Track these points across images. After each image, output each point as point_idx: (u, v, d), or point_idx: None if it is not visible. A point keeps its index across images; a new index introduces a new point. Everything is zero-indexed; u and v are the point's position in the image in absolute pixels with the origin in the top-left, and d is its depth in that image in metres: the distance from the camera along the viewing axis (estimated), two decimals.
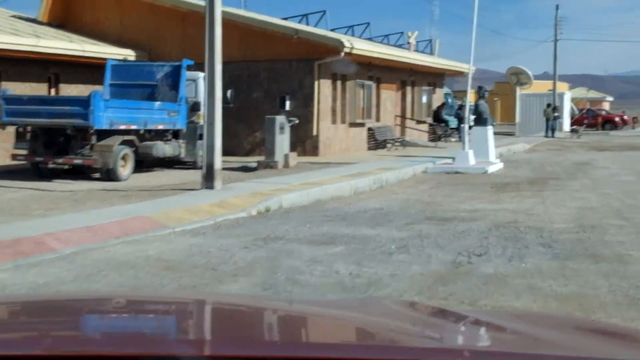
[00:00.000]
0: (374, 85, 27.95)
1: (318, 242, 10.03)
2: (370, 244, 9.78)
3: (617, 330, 3.01)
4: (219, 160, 14.41)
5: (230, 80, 23.60)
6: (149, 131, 18.99)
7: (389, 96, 29.61)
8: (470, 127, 22.61)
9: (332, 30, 31.14)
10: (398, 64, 28.87)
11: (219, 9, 13.99)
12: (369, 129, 27.57)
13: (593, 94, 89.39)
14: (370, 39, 33.69)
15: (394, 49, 32.18)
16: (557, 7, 50.94)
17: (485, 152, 22.06)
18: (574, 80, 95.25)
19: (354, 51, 23.77)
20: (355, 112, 26.27)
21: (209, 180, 14.28)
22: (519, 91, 47.91)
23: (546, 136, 41.54)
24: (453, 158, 21.41)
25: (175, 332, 2.22)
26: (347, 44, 23.47)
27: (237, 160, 22.46)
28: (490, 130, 22.44)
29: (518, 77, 48.49)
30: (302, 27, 27.31)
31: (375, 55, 26.41)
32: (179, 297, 3.84)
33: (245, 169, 20.37)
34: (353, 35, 32.72)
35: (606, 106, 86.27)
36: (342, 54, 23.05)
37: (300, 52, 23.68)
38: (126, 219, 11.13)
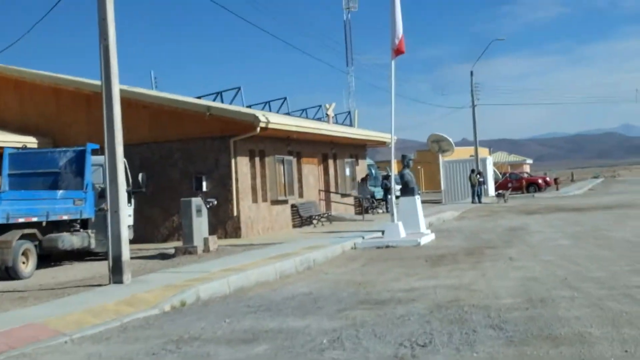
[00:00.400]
0: (294, 160, 26.92)
1: (239, 340, 8.71)
2: (299, 339, 8.50)
3: None
4: (126, 250, 12.98)
5: (142, 163, 22.37)
6: (54, 222, 17.46)
7: (311, 170, 28.66)
8: (397, 198, 21.74)
9: (249, 106, 30.27)
10: (318, 136, 27.99)
11: (116, 86, 12.73)
12: (293, 206, 26.41)
13: (514, 158, 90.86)
14: (288, 113, 32.91)
15: (311, 121, 31.40)
16: (471, 73, 51.46)
17: (415, 222, 21.14)
18: (493, 145, 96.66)
19: (270, 126, 22.76)
20: (277, 188, 25.12)
21: (116, 274, 12.83)
22: (441, 158, 47.81)
23: (473, 202, 41.16)
24: (382, 231, 20.39)
25: None
26: (262, 118, 22.46)
27: (153, 248, 21.07)
28: (418, 199, 21.58)
29: (439, 144, 48.42)
30: (214, 104, 26.27)
31: (293, 129, 25.43)
32: None
33: (162, 256, 18.98)
34: (270, 110, 31.91)
35: (527, 169, 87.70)
36: (258, 129, 21.99)
37: (214, 130, 22.58)
38: (15, 327, 9.60)
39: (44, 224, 17.06)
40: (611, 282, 11.24)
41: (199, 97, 29.48)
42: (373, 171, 39.46)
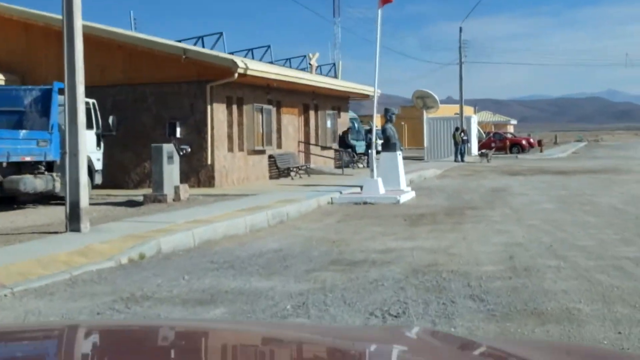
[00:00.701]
0: (273, 109, 25.91)
1: (195, 301, 7.97)
2: (261, 303, 7.77)
3: None
4: (85, 196, 12.13)
5: (115, 106, 21.43)
6: (16, 164, 16.57)
7: (291, 121, 27.76)
8: (377, 153, 20.93)
9: (231, 53, 29.12)
10: (299, 86, 26.95)
11: (78, 19, 11.68)
12: (270, 157, 25.52)
13: (498, 118, 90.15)
14: (271, 62, 31.80)
15: (293, 70, 30.31)
16: (460, 30, 50.34)
17: (395, 179, 20.40)
18: (478, 105, 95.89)
19: (249, 72, 21.73)
20: (254, 138, 24.19)
21: (74, 221, 12.00)
22: (425, 115, 46.98)
23: (456, 160, 40.51)
24: (361, 187, 19.62)
25: None
26: (240, 64, 21.38)
27: (123, 194, 20.18)
28: (399, 155, 20.80)
29: (424, 100, 47.52)
30: (191, 47, 25.15)
31: (273, 77, 24.36)
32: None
33: (129, 204, 18.12)
34: (253, 58, 30.80)
35: (511, 129, 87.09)
36: (236, 75, 20.99)
37: (190, 75, 21.53)
38: None
39: (4, 164, 16.18)
40: (599, 252, 10.56)
41: (179, 41, 28.30)
42: (356, 125, 38.60)
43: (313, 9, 77.87)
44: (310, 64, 32.12)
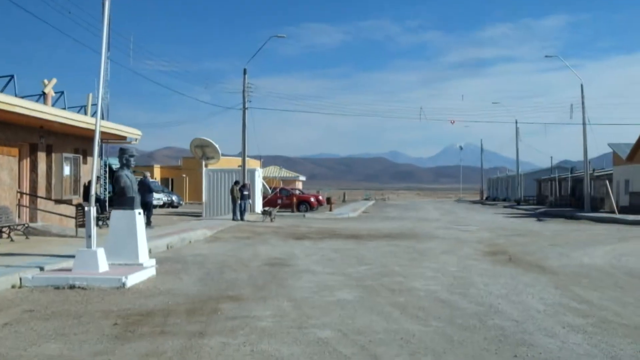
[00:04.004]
0: None
1: None
2: None
3: None
4: None
5: None
6: None
7: (6, 164, 20.66)
8: (103, 210, 14.61)
9: None
10: (19, 118, 19.90)
11: None
12: None
13: (286, 173, 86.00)
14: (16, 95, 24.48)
15: (8, 96, 23.03)
16: (245, 71, 44.92)
17: (131, 248, 14.26)
18: (269, 162, 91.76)
19: None
20: None
21: None
22: (204, 166, 41.28)
23: (234, 219, 34.75)
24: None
25: None
26: None
27: None
28: (137, 215, 14.61)
29: (204, 150, 41.93)
30: None
31: None
32: None
33: None
34: None
35: (300, 185, 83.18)
36: None
37: None
38: None
39: None
40: None
41: None
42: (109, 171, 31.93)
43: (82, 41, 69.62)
44: (44, 92, 25.02)
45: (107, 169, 32.82)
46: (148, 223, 26.82)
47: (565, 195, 65.07)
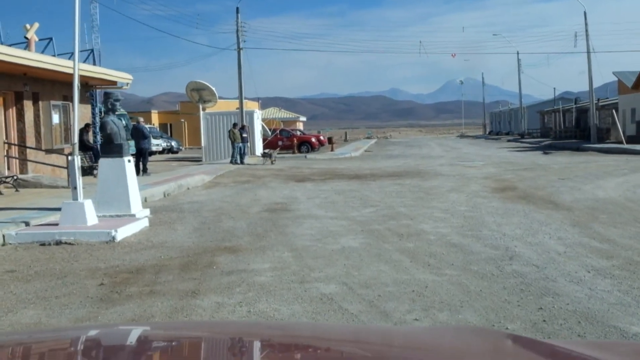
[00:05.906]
0: None
1: None
2: None
3: None
4: None
5: None
6: None
7: None
8: (93, 159, 13.80)
9: None
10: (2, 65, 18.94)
11: None
12: None
13: (286, 114, 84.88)
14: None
15: None
16: (237, 10, 43.60)
17: (122, 199, 13.51)
18: (267, 104, 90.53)
19: None
20: None
21: None
22: (202, 110, 40.32)
23: (234, 162, 33.93)
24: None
25: None
26: None
27: None
28: (127, 162, 13.81)
29: (200, 93, 40.86)
30: None
31: None
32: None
33: None
34: None
35: (300, 126, 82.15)
36: None
37: None
38: None
39: None
40: None
41: None
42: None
43: None
44: (26, 37, 23.92)
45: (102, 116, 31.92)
46: (145, 170, 26.03)
47: (569, 127, 64.13)
